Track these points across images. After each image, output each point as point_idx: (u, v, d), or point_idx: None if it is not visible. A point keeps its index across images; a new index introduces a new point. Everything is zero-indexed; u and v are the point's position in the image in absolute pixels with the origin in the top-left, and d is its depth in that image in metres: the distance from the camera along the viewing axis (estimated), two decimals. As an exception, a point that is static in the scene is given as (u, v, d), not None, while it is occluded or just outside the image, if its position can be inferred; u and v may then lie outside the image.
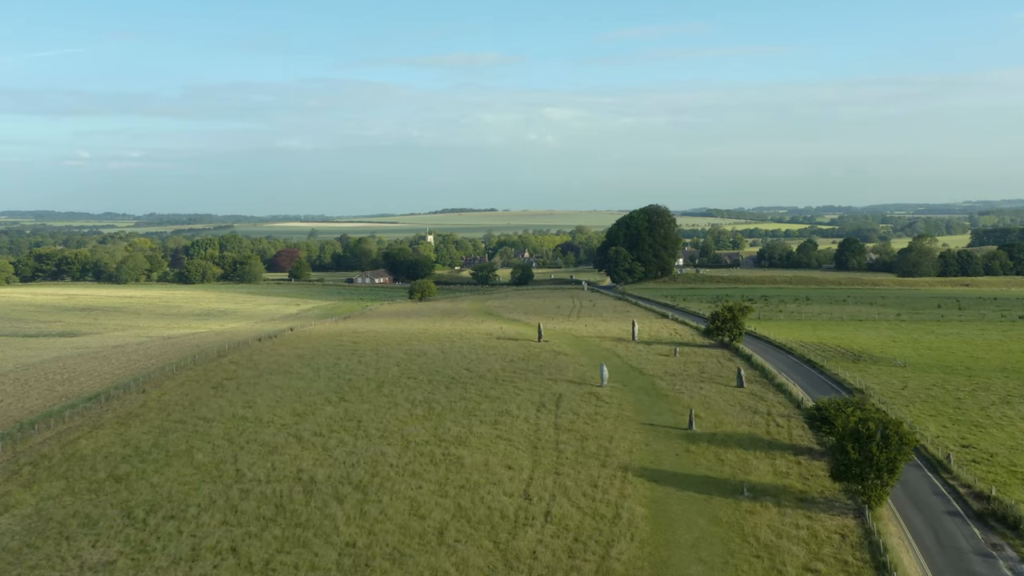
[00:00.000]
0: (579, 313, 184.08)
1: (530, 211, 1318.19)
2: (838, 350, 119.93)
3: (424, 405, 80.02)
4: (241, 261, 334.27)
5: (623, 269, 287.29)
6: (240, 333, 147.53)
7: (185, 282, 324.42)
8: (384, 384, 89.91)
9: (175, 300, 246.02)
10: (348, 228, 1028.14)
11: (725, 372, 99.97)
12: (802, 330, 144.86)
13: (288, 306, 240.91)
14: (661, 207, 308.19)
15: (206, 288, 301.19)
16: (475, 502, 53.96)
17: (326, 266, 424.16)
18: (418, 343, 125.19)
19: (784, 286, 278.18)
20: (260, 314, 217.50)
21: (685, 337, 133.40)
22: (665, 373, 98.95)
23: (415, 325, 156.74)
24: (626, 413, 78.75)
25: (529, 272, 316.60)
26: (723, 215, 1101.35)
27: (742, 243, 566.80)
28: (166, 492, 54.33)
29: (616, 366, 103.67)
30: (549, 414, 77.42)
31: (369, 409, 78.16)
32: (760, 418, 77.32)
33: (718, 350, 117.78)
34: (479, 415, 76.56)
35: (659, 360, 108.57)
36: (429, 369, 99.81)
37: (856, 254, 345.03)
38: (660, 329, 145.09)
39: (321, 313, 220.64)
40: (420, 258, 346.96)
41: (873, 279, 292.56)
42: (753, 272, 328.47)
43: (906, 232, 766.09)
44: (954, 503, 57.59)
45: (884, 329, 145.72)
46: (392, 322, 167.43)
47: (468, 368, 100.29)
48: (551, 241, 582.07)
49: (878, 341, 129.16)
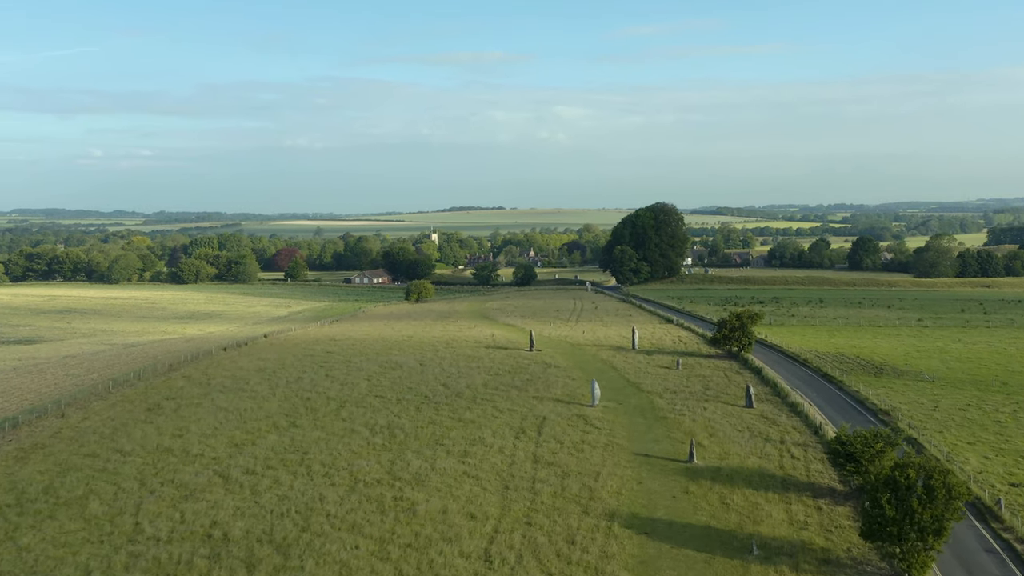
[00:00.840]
0: (579, 317, 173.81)
1: (538, 209, 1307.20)
2: (857, 361, 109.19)
3: (385, 432, 69.79)
4: (236, 261, 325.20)
5: (628, 269, 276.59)
6: (211, 339, 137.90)
7: (178, 282, 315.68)
8: (346, 404, 79.70)
9: (162, 301, 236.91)
10: (354, 226, 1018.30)
11: (732, 388, 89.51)
12: (817, 337, 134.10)
13: (278, 308, 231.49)
14: (668, 205, 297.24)
15: (198, 288, 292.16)
16: (422, 568, 43.78)
17: (326, 265, 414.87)
18: (398, 353, 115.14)
19: (796, 287, 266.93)
20: (247, 316, 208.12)
21: (690, 346, 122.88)
22: (665, 390, 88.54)
23: (402, 330, 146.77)
24: (618, 440, 68.46)
25: (531, 272, 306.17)
26: (733, 213, 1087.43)
27: (752, 242, 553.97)
28: (32, 559, 43.71)
29: (611, 381, 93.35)
30: (529, 442, 67.19)
31: (320, 438, 67.95)
32: (772, 447, 66.88)
33: (725, 361, 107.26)
34: (447, 444, 66.36)
35: (659, 374, 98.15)
36: (402, 385, 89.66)
37: (870, 253, 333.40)
38: (663, 336, 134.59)
39: (311, 316, 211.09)
40: (420, 258, 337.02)
41: (889, 280, 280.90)
42: (764, 272, 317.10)
43: (919, 231, 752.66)
44: (1012, 565, 47.09)
45: (906, 336, 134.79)
46: (380, 326, 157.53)
47: (446, 384, 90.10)
48: (557, 240, 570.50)
49: (900, 350, 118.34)
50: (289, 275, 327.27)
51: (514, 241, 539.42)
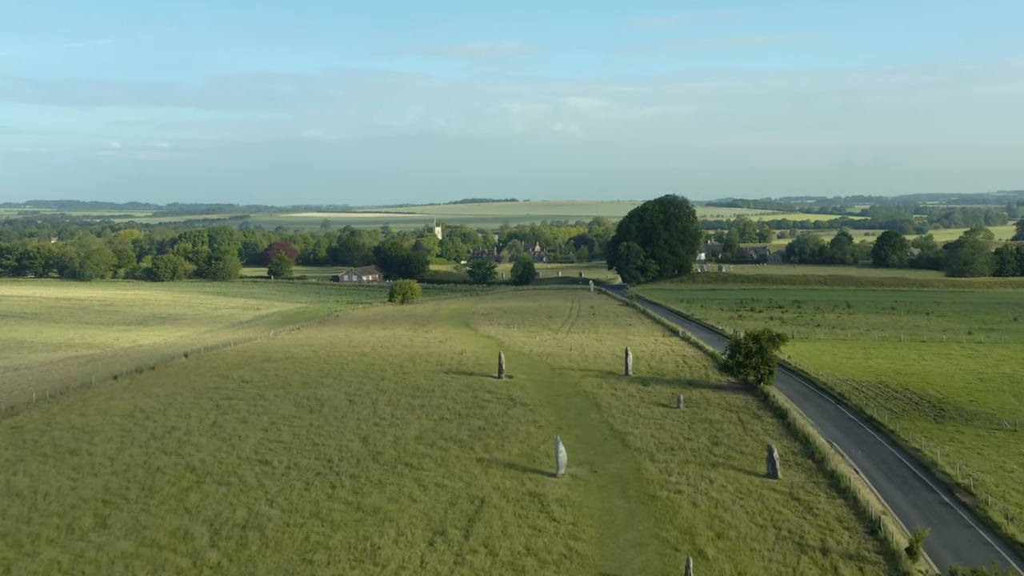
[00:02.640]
0: (572, 324, 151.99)
1: (551, 201, 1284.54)
2: (907, 395, 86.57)
3: (236, 536, 47.44)
4: (216, 257, 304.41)
5: (634, 267, 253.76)
6: (128, 356, 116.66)
7: (154, 280, 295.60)
8: (206, 479, 57.26)
9: (120, 302, 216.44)
10: (363, 219, 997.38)
11: (749, 442, 67.28)
12: (850, 356, 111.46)
13: (248, 310, 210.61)
14: (679, 197, 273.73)
15: (169, 287, 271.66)
16: None
17: (321, 261, 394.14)
18: (333, 381, 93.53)
19: (818, 288, 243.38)
20: (208, 320, 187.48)
21: (696, 370, 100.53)
22: (660, 445, 66.39)
23: (363, 343, 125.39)
24: (580, 547, 46.54)
25: (531, 270, 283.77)
26: (749, 205, 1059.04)
27: (769, 235, 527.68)
28: None
29: (590, 430, 71.35)
30: (446, 554, 45.31)
31: (126, 552, 44.22)
32: (810, 563, 44.72)
33: (740, 396, 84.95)
34: (318, 562, 44.37)
35: (654, 416, 76.00)
36: (306, 440, 67.70)
37: (896, 249, 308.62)
38: (665, 354, 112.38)
39: (278, 319, 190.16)
40: (414, 254, 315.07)
41: (919, 278, 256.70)
42: (782, 269, 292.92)
43: (942, 223, 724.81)
44: None
45: (959, 356, 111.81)
46: (342, 335, 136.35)
47: (366, 437, 68.18)
48: (566, 233, 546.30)
49: (958, 378, 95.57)
50: (273, 272, 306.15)
51: (519, 235, 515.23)
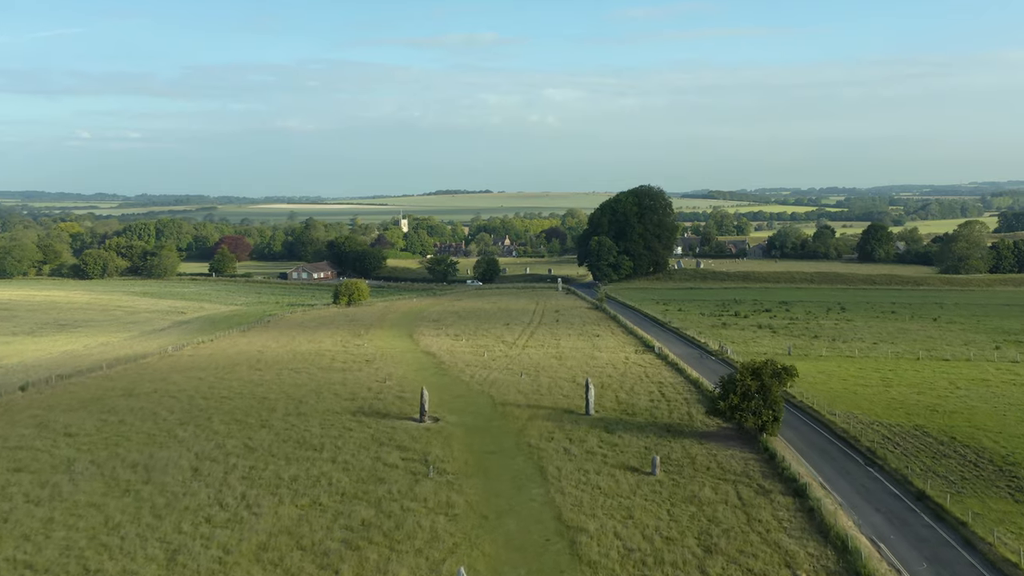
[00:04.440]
0: (532, 333, 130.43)
1: (526, 193, 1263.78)
2: (958, 448, 65.20)
3: None
4: (152, 252, 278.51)
5: (606, 264, 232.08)
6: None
7: (82, 277, 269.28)
8: None
9: (24, 305, 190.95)
10: (332, 210, 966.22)
11: (757, 547, 45.33)
12: (864, 380, 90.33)
13: (170, 314, 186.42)
14: (655, 188, 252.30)
15: (93, 286, 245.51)
16: None
17: (276, 255, 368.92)
18: (192, 432, 70.57)
19: (805, 286, 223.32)
20: (121, 326, 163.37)
21: (676, 406, 78.60)
22: (625, 555, 44.19)
23: (271, 365, 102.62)
24: None
25: (495, 267, 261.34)
26: (725, 197, 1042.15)
27: (747, 228, 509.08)
28: None
29: (528, 518, 49.14)
30: None
31: None
32: None
33: (737, 455, 63.03)
34: None
35: (620, 495, 53.86)
36: (76, 561, 44.79)
37: (883, 243, 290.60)
38: (638, 379, 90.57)
39: (201, 325, 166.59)
40: (370, 249, 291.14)
41: (912, 275, 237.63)
42: (764, 265, 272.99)
43: (919, 215, 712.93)
44: None
45: (998, 382, 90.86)
46: (258, 348, 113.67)
47: (179, 550, 45.13)
48: (538, 225, 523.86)
49: (1012, 415, 74.62)
50: (215, 269, 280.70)
51: (488, 228, 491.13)
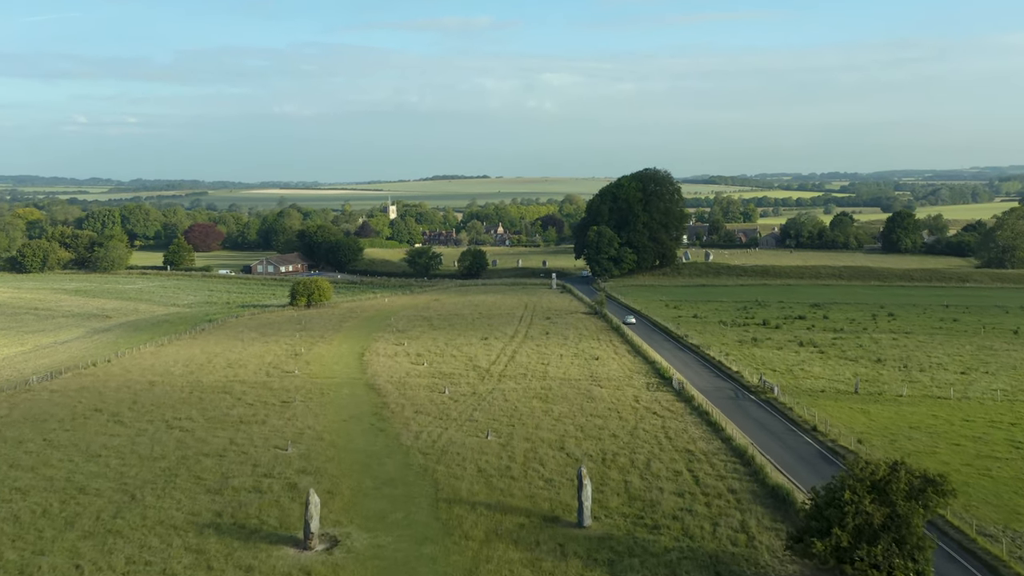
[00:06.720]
0: (515, 351, 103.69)
1: (524, 178, 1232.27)
2: None
3: None
4: (98, 243, 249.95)
5: (607, 257, 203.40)
6: None
7: (19, 270, 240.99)
8: None
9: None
10: (326, 195, 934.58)
11: None
12: (991, 450, 62.72)
13: (92, 318, 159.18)
14: (661, 172, 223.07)
15: (23, 281, 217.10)
16: None
17: (251, 244, 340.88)
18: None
19: (833, 283, 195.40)
20: (20, 335, 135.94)
21: (723, 513, 51.02)
22: None
23: (146, 413, 75.26)
24: None
25: (482, 261, 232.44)
26: (727, 182, 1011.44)
27: (754, 214, 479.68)
28: None
29: None
30: None
31: None
32: None
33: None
34: None
35: None
36: None
37: (909, 232, 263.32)
38: (655, 444, 63.08)
39: (123, 332, 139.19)
40: (344, 240, 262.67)
41: (950, 268, 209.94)
42: (780, 256, 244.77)
43: (929, 200, 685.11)
44: None
45: None
46: (148, 380, 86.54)
47: None
48: (534, 212, 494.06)
49: None
50: (169, 261, 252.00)
51: (481, 215, 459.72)
